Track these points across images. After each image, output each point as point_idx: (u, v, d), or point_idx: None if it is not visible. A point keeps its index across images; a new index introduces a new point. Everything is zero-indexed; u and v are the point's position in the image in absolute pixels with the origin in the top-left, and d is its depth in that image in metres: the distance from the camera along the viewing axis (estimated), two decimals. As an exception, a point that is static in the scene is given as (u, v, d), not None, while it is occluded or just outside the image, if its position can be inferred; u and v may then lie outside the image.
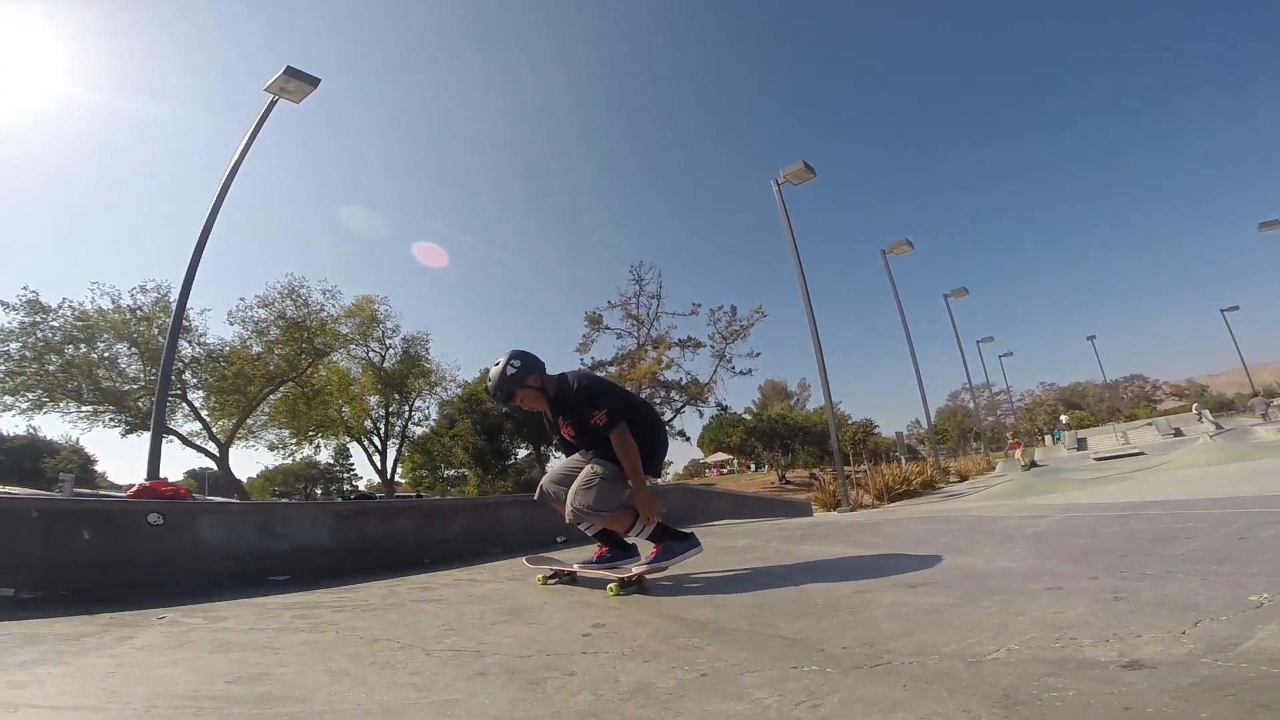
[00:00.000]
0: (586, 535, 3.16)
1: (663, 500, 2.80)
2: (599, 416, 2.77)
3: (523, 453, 39.80)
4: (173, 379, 20.15)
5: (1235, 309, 31.55)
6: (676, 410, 30.90)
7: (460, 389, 34.93)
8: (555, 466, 3.21)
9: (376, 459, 32.45)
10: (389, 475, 32.89)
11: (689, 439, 36.10)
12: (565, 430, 3.01)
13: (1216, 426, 24.01)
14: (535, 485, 3.22)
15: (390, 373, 30.65)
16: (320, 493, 58.34)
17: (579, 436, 2.97)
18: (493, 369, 3.00)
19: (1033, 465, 19.16)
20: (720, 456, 53.25)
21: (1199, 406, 31.19)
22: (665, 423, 30.15)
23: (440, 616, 2.53)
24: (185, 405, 24.09)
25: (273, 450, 29.77)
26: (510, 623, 2.32)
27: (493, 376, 2.98)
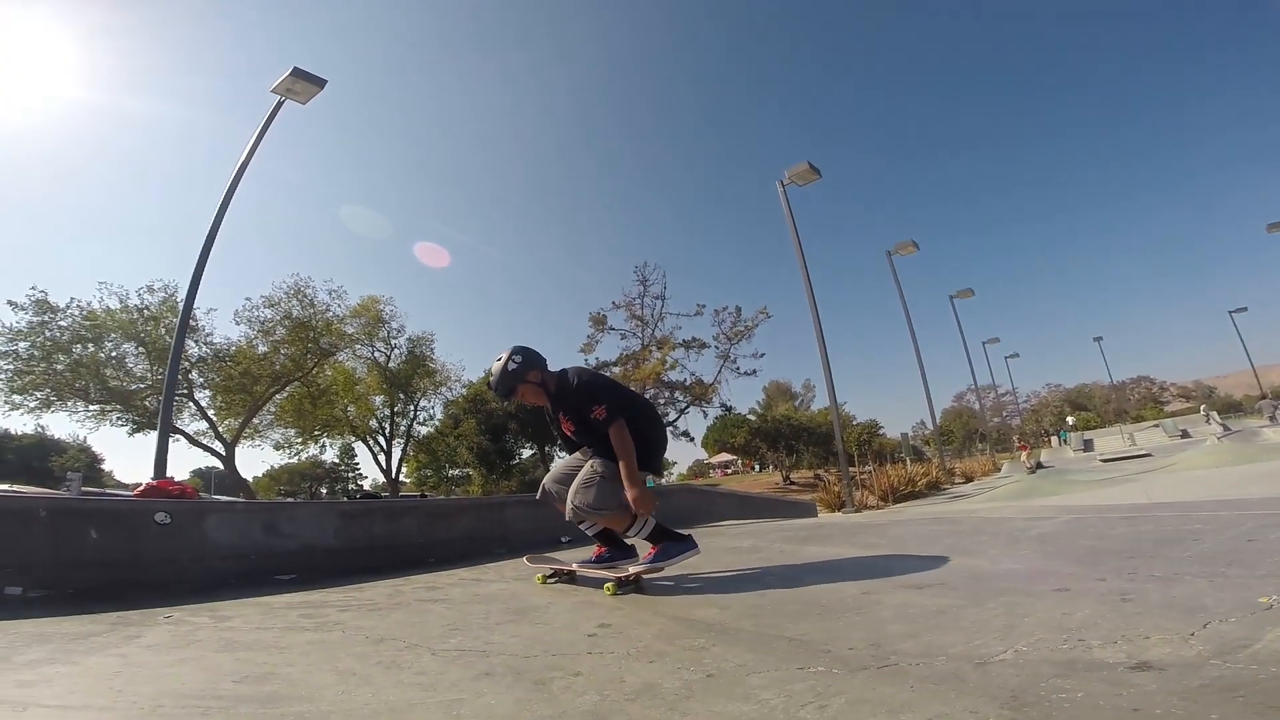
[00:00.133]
0: (589, 536, 3.18)
1: (657, 497, 2.80)
2: (598, 412, 2.78)
3: (527, 452, 39.85)
4: (179, 378, 20.27)
5: (1244, 310, 31.31)
6: (681, 411, 30.95)
7: (465, 389, 35.05)
8: (556, 465, 3.22)
9: (381, 459, 32.62)
10: (394, 475, 33.00)
11: (693, 439, 36.09)
12: (565, 426, 3.02)
13: (1224, 428, 23.94)
14: (539, 485, 3.23)
15: (395, 373, 30.77)
16: (325, 492, 58.60)
17: (579, 432, 2.98)
18: (495, 364, 3.02)
19: (1039, 467, 19.07)
20: (724, 457, 53.22)
21: (1207, 408, 31.01)
22: (669, 423, 30.20)
23: (446, 616, 2.53)
24: (192, 404, 24.28)
25: (278, 450, 30.08)
26: (516, 623, 2.32)
27: (494, 371, 3.01)
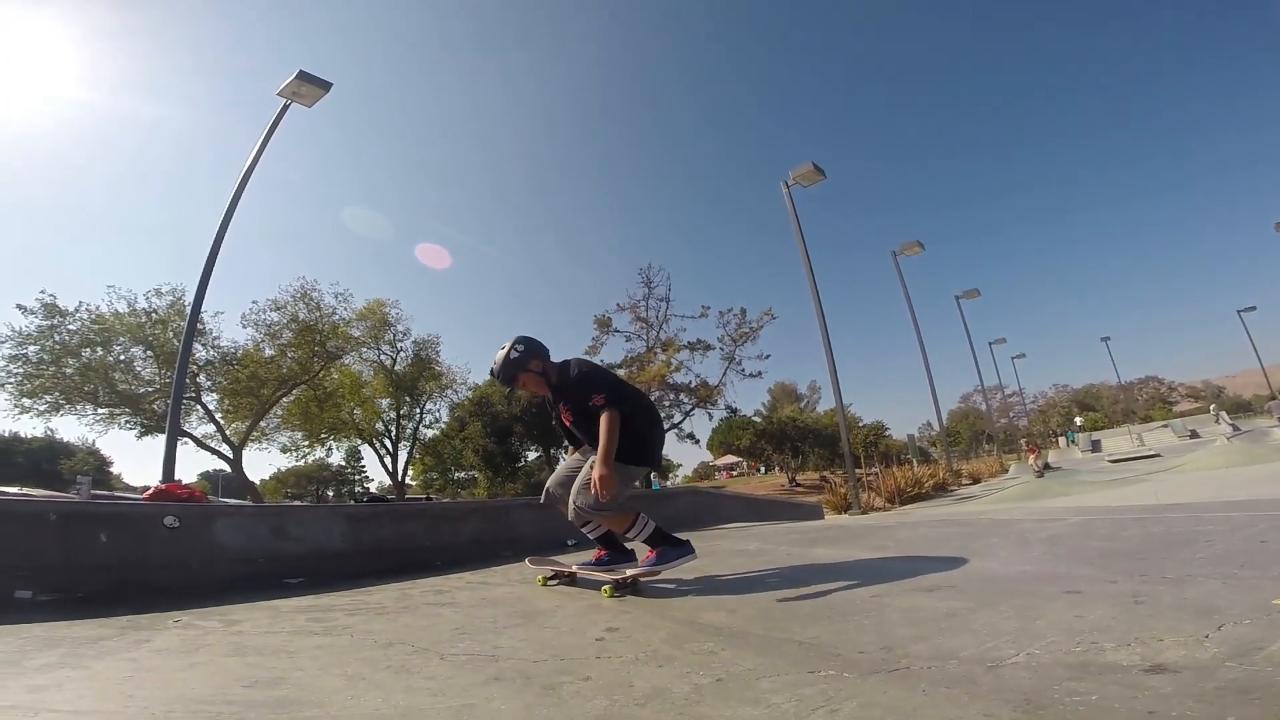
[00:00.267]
0: (592, 539, 3.21)
1: (624, 485, 2.83)
2: (598, 399, 2.83)
3: (532, 455, 39.93)
4: (187, 382, 20.38)
5: (1252, 309, 31.07)
6: (686, 413, 30.86)
7: (471, 391, 35.13)
8: (559, 468, 3.25)
9: (388, 461, 32.74)
10: (400, 477, 33.10)
11: (698, 441, 35.93)
12: (565, 416, 3.07)
13: (1234, 428, 23.74)
14: (544, 487, 3.26)
15: (401, 375, 30.84)
16: (332, 494, 58.83)
17: (578, 423, 3.01)
18: (498, 353, 3.08)
19: (1046, 469, 18.91)
20: (730, 459, 53.17)
21: (1216, 408, 30.80)
22: (675, 425, 30.11)
23: (454, 620, 2.53)
24: (200, 408, 24.40)
25: (285, 452, 30.25)
26: (524, 626, 2.32)
27: (497, 360, 3.06)
